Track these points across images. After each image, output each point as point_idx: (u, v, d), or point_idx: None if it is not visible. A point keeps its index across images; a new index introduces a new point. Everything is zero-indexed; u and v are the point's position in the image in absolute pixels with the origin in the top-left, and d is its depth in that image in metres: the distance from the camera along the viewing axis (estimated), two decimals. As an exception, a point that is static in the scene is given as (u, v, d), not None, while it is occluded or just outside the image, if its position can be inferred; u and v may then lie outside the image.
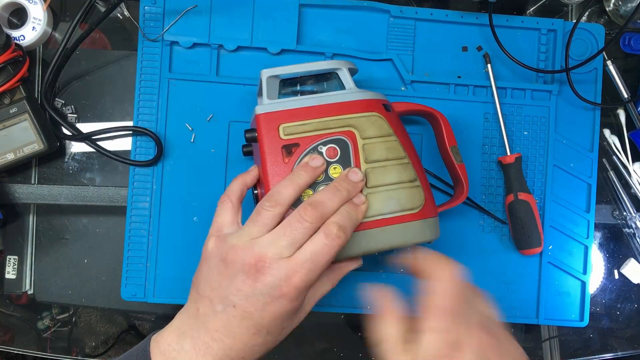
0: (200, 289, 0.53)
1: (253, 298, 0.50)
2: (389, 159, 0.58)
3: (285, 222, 0.52)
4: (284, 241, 0.50)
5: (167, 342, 0.51)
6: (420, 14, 0.75)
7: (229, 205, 0.57)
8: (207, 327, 0.51)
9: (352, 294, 0.75)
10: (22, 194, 0.75)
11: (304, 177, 0.55)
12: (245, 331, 0.51)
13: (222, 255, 0.52)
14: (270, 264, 0.50)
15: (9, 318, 0.76)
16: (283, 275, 0.49)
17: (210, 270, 0.53)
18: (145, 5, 0.72)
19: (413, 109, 0.67)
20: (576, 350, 0.80)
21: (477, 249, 0.76)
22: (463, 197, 0.68)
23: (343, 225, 0.52)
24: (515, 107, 0.76)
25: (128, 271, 0.73)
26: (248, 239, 0.51)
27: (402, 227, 0.57)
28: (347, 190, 0.54)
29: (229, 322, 0.50)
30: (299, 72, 0.62)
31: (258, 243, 0.51)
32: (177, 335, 0.52)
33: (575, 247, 0.76)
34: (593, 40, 0.77)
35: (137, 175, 0.73)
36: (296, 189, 0.54)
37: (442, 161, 0.72)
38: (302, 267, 0.50)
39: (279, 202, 0.53)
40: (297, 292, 0.50)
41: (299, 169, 0.56)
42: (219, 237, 0.54)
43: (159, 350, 0.51)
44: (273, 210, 0.52)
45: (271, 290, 0.50)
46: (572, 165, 0.76)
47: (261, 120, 0.58)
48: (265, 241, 0.51)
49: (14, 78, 0.68)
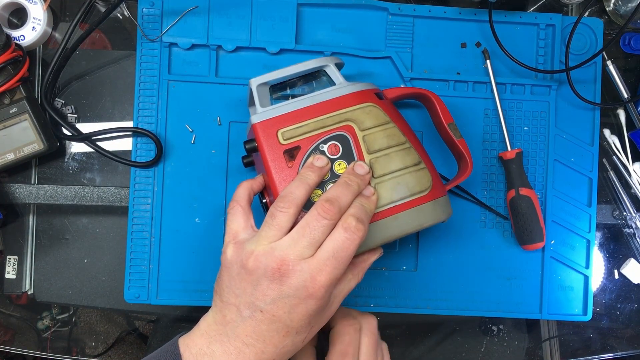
0: (224, 297, 0.53)
1: (280, 302, 0.50)
2: (390, 147, 0.58)
3: (303, 222, 0.51)
4: (304, 242, 0.50)
5: (198, 346, 0.51)
6: (419, 11, 0.75)
7: (239, 210, 0.57)
8: (237, 332, 0.51)
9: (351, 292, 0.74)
10: (22, 194, 0.75)
11: (312, 176, 0.55)
12: (275, 334, 0.51)
13: (243, 262, 0.52)
14: (294, 266, 0.49)
15: (9, 318, 0.75)
16: (308, 276, 0.49)
17: (232, 278, 0.52)
18: (143, 7, 0.72)
19: (405, 92, 0.68)
20: (576, 350, 0.80)
21: (479, 245, 0.75)
22: (468, 171, 0.67)
23: (360, 217, 0.52)
24: (515, 103, 0.76)
25: (131, 273, 0.72)
26: (267, 244, 0.51)
27: (415, 211, 0.58)
28: (357, 183, 0.55)
29: (258, 326, 0.50)
30: (287, 75, 0.62)
31: (278, 246, 0.50)
32: (207, 339, 0.52)
33: (577, 242, 0.76)
34: (592, 35, 0.77)
35: (139, 177, 0.73)
36: (307, 189, 0.54)
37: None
38: (325, 265, 0.50)
39: (293, 202, 0.52)
40: (323, 291, 0.50)
41: (305, 170, 0.56)
42: (236, 244, 0.54)
43: (191, 353, 0.51)
44: (288, 211, 0.52)
45: (297, 292, 0.49)
46: (573, 160, 0.76)
47: (258, 129, 0.58)
48: (285, 244, 0.50)
49: (14, 78, 0.68)
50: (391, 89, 0.66)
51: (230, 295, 0.52)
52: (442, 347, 0.78)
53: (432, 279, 0.75)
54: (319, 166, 0.56)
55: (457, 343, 0.78)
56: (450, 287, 0.75)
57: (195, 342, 0.52)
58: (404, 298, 0.75)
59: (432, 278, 0.75)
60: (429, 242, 0.75)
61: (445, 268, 0.75)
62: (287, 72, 0.62)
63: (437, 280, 0.75)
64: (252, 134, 0.59)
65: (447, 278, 0.75)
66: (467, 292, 0.75)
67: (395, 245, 0.75)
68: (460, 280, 0.75)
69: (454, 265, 0.75)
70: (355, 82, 0.61)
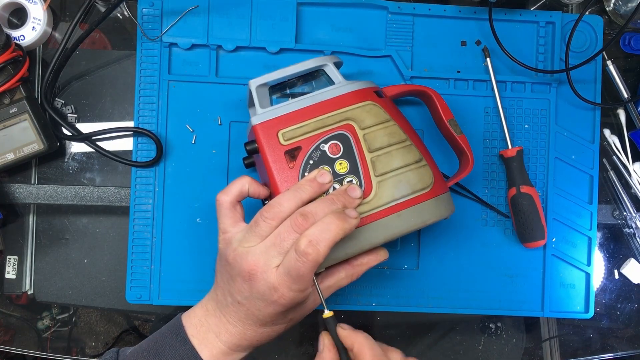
0: (217, 278, 0.58)
1: (252, 300, 0.53)
2: (391, 144, 0.58)
3: (276, 232, 0.53)
4: (273, 251, 0.52)
5: (198, 317, 0.57)
6: (418, 10, 0.75)
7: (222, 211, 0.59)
8: (224, 312, 0.56)
9: (353, 292, 0.74)
10: (22, 194, 0.75)
11: (308, 191, 0.55)
12: (252, 323, 0.55)
13: (227, 257, 0.55)
14: (261, 273, 0.52)
15: (9, 318, 0.75)
16: (271, 285, 0.52)
17: (222, 267, 0.57)
18: (143, 7, 0.73)
19: (404, 90, 0.68)
20: (576, 350, 0.80)
21: (481, 243, 0.75)
22: (469, 167, 0.67)
23: (315, 239, 0.50)
24: (516, 101, 0.76)
25: (132, 274, 0.72)
26: (246, 247, 0.54)
27: (417, 208, 0.58)
28: (343, 204, 0.54)
29: (238, 314, 0.55)
30: (286, 76, 0.62)
31: (251, 252, 0.53)
32: (204, 312, 0.58)
33: (578, 239, 0.76)
34: (592, 32, 0.77)
35: (139, 177, 0.73)
36: (298, 203, 0.54)
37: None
38: (284, 280, 0.51)
39: (278, 215, 0.53)
40: (287, 300, 0.52)
41: (305, 182, 0.56)
42: (224, 240, 0.57)
43: (191, 323, 0.57)
44: (270, 223, 0.53)
45: (264, 297, 0.52)
46: (574, 157, 0.76)
47: (259, 130, 0.58)
48: (258, 250, 0.53)
49: (14, 78, 0.68)
50: (390, 87, 0.66)
51: (220, 281, 0.57)
52: (441, 345, 0.78)
53: (434, 277, 0.75)
54: (320, 182, 0.56)
55: (456, 341, 0.78)
56: (452, 286, 0.75)
57: (196, 312, 0.58)
58: (406, 297, 0.75)
59: (434, 277, 0.75)
60: (430, 240, 0.75)
61: (446, 266, 0.75)
62: (285, 72, 0.62)
63: (439, 279, 0.75)
64: (252, 135, 0.60)
65: (449, 276, 0.75)
66: (469, 291, 0.75)
67: (397, 244, 0.75)
68: (462, 279, 0.75)
69: (456, 264, 0.75)
70: (354, 81, 0.61)
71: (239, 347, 0.56)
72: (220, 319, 0.56)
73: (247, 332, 0.55)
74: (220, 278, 0.57)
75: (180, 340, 0.56)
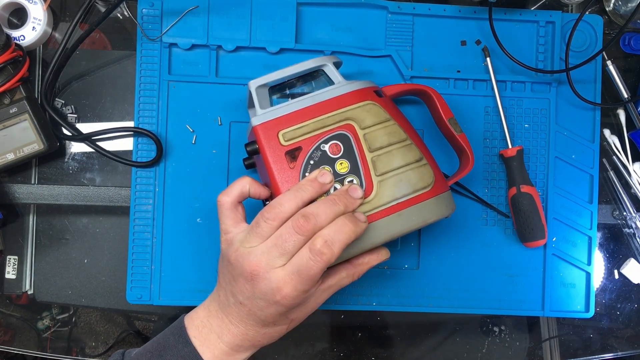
0: (220, 279, 0.58)
1: (254, 300, 0.54)
2: (392, 144, 0.58)
3: (278, 233, 0.53)
4: (275, 252, 0.52)
5: (200, 318, 0.58)
6: (418, 10, 0.75)
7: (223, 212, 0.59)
8: (226, 313, 0.56)
9: (353, 292, 0.74)
10: (22, 194, 0.75)
11: (309, 191, 0.55)
12: (254, 323, 0.55)
13: (229, 257, 0.55)
14: (264, 273, 0.52)
15: (9, 318, 0.75)
16: (274, 285, 0.52)
17: (224, 267, 0.57)
18: (143, 7, 0.73)
19: (404, 89, 0.68)
20: (576, 350, 0.79)
21: (481, 243, 0.75)
22: (470, 166, 0.67)
23: (331, 240, 0.51)
24: (516, 100, 0.76)
25: (133, 274, 0.72)
26: (247, 247, 0.54)
27: (418, 207, 0.58)
28: (344, 204, 0.54)
29: (240, 314, 0.55)
30: (286, 76, 0.62)
31: (253, 252, 0.53)
32: (207, 312, 0.58)
33: (579, 239, 0.76)
34: (592, 32, 0.77)
35: (140, 177, 0.73)
36: (299, 204, 0.54)
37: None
38: (290, 279, 0.51)
39: (279, 215, 0.53)
40: (290, 300, 0.52)
41: (306, 182, 0.56)
42: (226, 240, 0.58)
43: (193, 324, 0.57)
44: (271, 224, 0.53)
45: (266, 297, 0.53)
46: (574, 157, 0.76)
47: (259, 131, 0.58)
48: (259, 251, 0.53)
49: (14, 78, 0.68)
50: (390, 86, 0.66)
51: (223, 281, 0.57)
52: (443, 347, 0.78)
53: (434, 277, 0.75)
54: (321, 182, 0.56)
55: (458, 343, 0.78)
56: (452, 285, 0.75)
57: (198, 313, 0.58)
58: (406, 296, 0.75)
59: (434, 276, 0.75)
60: (431, 240, 0.75)
61: (447, 266, 0.75)
62: (285, 73, 0.62)
63: (439, 279, 0.75)
64: (252, 136, 0.60)
65: (449, 276, 0.75)
66: (469, 290, 0.75)
67: (397, 243, 0.75)
68: (462, 278, 0.75)
69: (456, 264, 0.75)
70: (354, 81, 0.61)
71: (240, 347, 0.57)
72: (222, 320, 0.56)
73: (249, 333, 0.56)
74: (223, 279, 0.57)
75: (182, 342, 0.56)
